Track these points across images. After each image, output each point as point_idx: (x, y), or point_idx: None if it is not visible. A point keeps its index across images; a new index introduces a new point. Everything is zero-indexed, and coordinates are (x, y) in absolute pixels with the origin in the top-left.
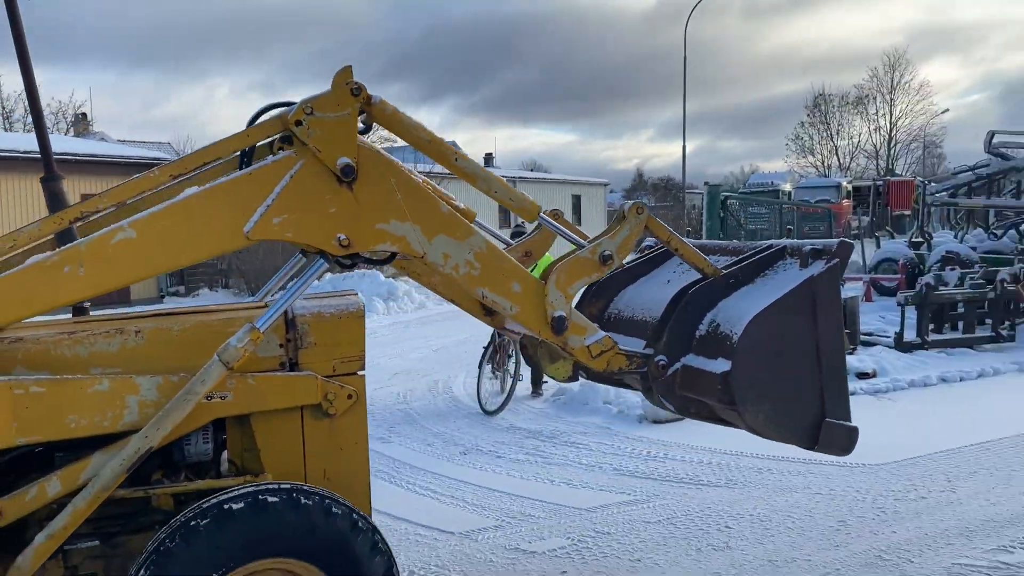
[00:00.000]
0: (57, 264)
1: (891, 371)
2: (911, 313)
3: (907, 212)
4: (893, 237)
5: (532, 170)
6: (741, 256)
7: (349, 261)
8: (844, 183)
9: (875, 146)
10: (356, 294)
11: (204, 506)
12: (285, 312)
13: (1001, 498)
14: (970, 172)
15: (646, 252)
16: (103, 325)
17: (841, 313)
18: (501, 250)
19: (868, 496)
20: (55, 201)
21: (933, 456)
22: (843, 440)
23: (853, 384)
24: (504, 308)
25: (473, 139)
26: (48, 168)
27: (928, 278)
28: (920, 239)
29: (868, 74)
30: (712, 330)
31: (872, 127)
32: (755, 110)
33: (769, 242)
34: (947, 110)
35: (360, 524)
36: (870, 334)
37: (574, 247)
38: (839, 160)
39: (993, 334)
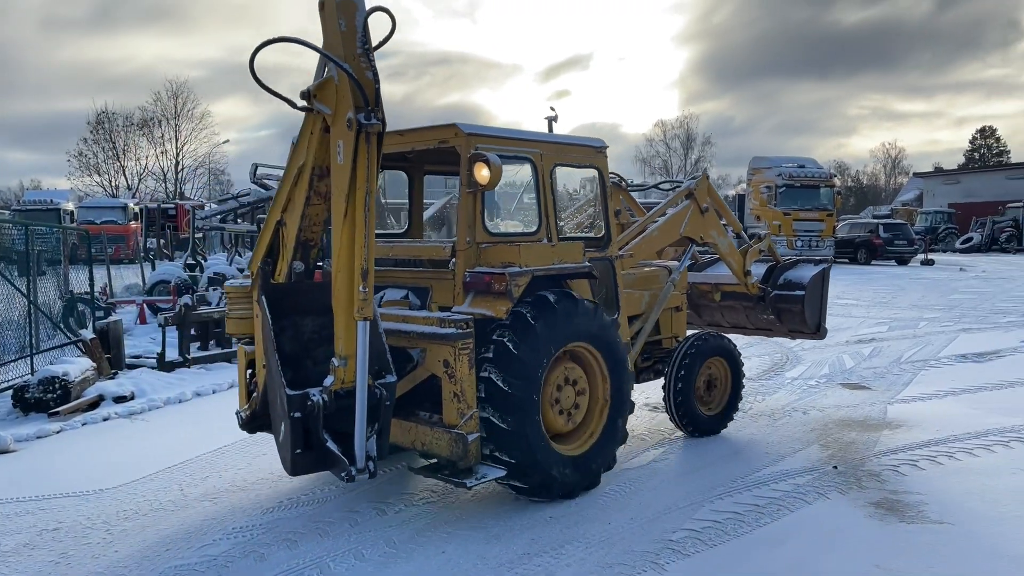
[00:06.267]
0: (647, 239)
1: (150, 391)
2: (173, 333)
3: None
4: (171, 259)
5: None
6: (786, 260)
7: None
8: (131, 204)
9: (163, 169)
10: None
11: (699, 337)
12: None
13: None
14: (234, 200)
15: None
16: (634, 269)
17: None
18: (733, 241)
19: (98, 522)
20: None
21: (170, 469)
22: (824, 334)
23: (109, 409)
24: (732, 267)
25: None
26: None
27: (186, 298)
28: (193, 261)
29: (152, 98)
30: (786, 281)
31: (159, 150)
32: (44, 122)
33: (793, 257)
34: (228, 140)
35: (730, 341)
36: (137, 356)
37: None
38: (127, 181)
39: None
